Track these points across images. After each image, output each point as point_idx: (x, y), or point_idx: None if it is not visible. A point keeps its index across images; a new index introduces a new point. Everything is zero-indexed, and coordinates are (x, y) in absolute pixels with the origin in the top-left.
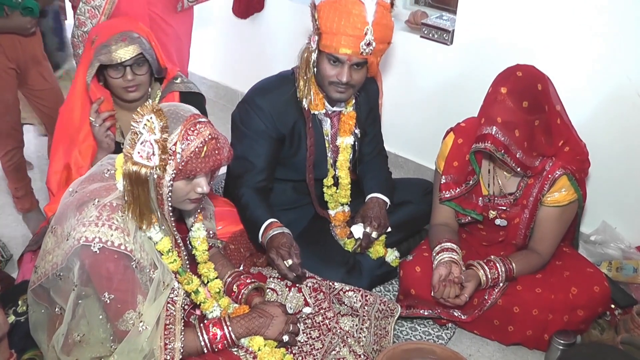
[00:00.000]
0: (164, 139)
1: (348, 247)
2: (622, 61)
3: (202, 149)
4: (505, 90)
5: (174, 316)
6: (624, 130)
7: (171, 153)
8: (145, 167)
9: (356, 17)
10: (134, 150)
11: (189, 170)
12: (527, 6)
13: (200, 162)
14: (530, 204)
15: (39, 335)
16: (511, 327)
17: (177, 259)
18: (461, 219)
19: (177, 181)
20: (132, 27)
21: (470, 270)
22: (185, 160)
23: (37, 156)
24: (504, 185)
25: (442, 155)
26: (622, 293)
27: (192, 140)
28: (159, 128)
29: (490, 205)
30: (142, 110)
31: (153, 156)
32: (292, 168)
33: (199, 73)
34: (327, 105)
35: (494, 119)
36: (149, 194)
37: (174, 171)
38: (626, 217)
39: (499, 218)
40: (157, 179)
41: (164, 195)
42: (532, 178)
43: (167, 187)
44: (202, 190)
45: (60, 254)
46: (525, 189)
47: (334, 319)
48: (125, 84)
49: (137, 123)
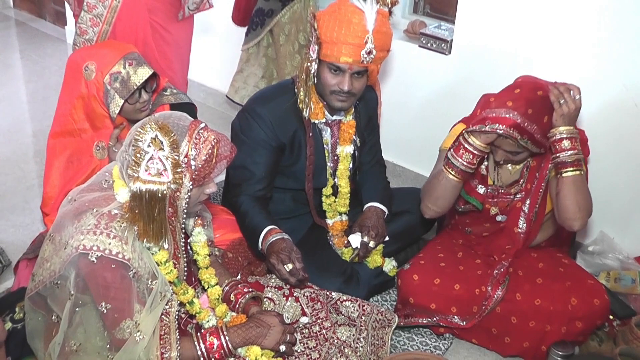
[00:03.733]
0: (176, 154)
1: (346, 256)
2: (620, 70)
3: (213, 154)
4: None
5: (168, 326)
6: (621, 139)
7: (184, 165)
8: (159, 184)
9: (356, 25)
10: (139, 168)
11: (202, 177)
12: (525, 16)
13: (212, 167)
14: (535, 184)
15: (36, 343)
16: (508, 339)
17: (173, 270)
18: (460, 206)
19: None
20: (126, 48)
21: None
22: (199, 168)
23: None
24: (507, 179)
25: (451, 137)
26: (621, 304)
27: (202, 149)
28: (167, 144)
29: (495, 196)
30: (144, 129)
31: (165, 172)
32: (292, 177)
33: (198, 80)
34: (327, 114)
35: (504, 102)
36: (164, 210)
37: (190, 182)
38: (624, 228)
39: (500, 215)
40: (171, 193)
41: (180, 207)
42: (535, 160)
43: (184, 199)
44: (211, 191)
45: (58, 262)
46: (530, 173)
47: (331, 328)
48: (140, 105)
49: (140, 142)
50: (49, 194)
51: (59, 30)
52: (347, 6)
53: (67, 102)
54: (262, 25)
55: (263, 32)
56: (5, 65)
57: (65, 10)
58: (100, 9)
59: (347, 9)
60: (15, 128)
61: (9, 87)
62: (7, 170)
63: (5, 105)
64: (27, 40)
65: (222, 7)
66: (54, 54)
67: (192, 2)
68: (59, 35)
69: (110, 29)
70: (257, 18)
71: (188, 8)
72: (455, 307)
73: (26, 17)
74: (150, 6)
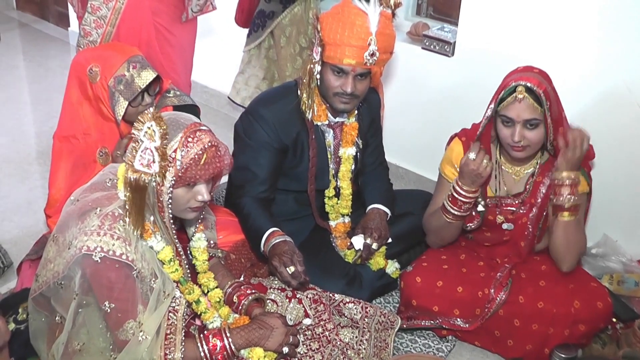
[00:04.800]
0: (164, 145)
1: (348, 258)
2: (623, 73)
3: (202, 156)
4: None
5: (175, 326)
6: (624, 142)
7: (171, 160)
8: (145, 174)
9: (360, 27)
10: (134, 158)
11: (188, 177)
12: (528, 18)
13: (199, 169)
14: (540, 201)
15: (39, 344)
16: (510, 342)
17: (178, 269)
18: (468, 224)
19: (177, 188)
20: (129, 51)
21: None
22: (184, 167)
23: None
24: (510, 188)
25: (447, 160)
26: (624, 307)
27: (192, 148)
28: (159, 135)
29: (498, 207)
30: (143, 119)
31: (153, 163)
32: (294, 179)
33: (201, 82)
34: (329, 116)
35: (531, 69)
36: (146, 200)
37: (173, 178)
38: (627, 230)
39: (506, 222)
40: (157, 185)
41: (164, 202)
42: (540, 175)
43: (167, 194)
44: (202, 198)
45: (61, 262)
46: (534, 187)
47: (334, 330)
48: (143, 108)
49: (138, 131)
50: (55, 196)
51: (62, 32)
52: (350, 8)
53: (72, 105)
54: (263, 27)
55: (264, 34)
56: (8, 66)
57: (68, 11)
58: (104, 11)
59: (350, 11)
60: (18, 129)
61: (12, 88)
62: (10, 172)
63: (8, 107)
64: (30, 42)
65: (225, 9)
66: (57, 56)
67: (195, 4)
68: (62, 36)
69: (114, 31)
70: (259, 20)
71: (191, 10)
72: (458, 309)
73: (29, 19)
74: (154, 8)
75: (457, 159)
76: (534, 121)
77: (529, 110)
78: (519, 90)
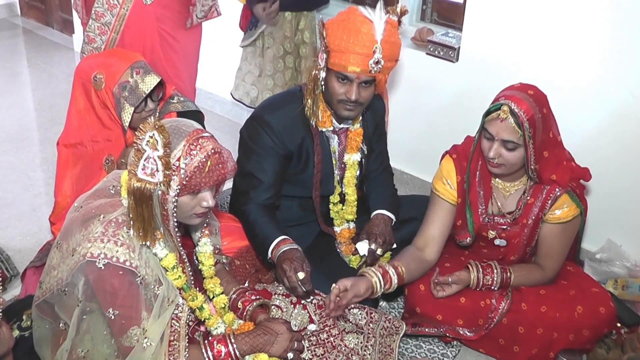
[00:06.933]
0: (167, 154)
1: (353, 264)
2: (626, 78)
3: (206, 163)
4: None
5: (178, 332)
6: (628, 147)
7: (175, 169)
8: (149, 184)
9: (365, 35)
10: (137, 167)
11: (193, 185)
12: (532, 24)
13: (204, 177)
14: (531, 223)
15: (43, 351)
16: (516, 348)
17: (181, 275)
18: (461, 240)
19: (181, 196)
20: (132, 57)
21: (463, 272)
22: (189, 175)
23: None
24: (502, 205)
25: (439, 176)
26: (628, 311)
27: (195, 155)
28: (161, 144)
29: (490, 224)
30: (145, 127)
31: (157, 172)
32: (299, 185)
33: (205, 88)
34: (334, 123)
35: (526, 89)
36: (152, 210)
37: (178, 187)
38: (631, 235)
39: (498, 238)
40: (161, 195)
41: (169, 211)
42: (532, 197)
43: (172, 202)
44: (207, 205)
45: (65, 269)
46: (525, 207)
47: (339, 336)
48: (146, 114)
49: (140, 140)
50: (61, 204)
51: (66, 39)
52: (356, 15)
53: (79, 112)
54: (256, 26)
55: (256, 33)
56: (12, 72)
57: (72, 18)
58: (109, 17)
59: (356, 18)
60: (22, 136)
61: (16, 94)
62: (14, 178)
63: (12, 113)
64: (34, 48)
65: (229, 15)
66: (62, 62)
67: (200, 11)
68: (67, 43)
69: (118, 37)
70: (254, 18)
71: (196, 16)
72: (462, 318)
73: (34, 25)
74: (158, 14)
75: (447, 176)
76: (510, 144)
77: (508, 131)
78: (504, 109)
